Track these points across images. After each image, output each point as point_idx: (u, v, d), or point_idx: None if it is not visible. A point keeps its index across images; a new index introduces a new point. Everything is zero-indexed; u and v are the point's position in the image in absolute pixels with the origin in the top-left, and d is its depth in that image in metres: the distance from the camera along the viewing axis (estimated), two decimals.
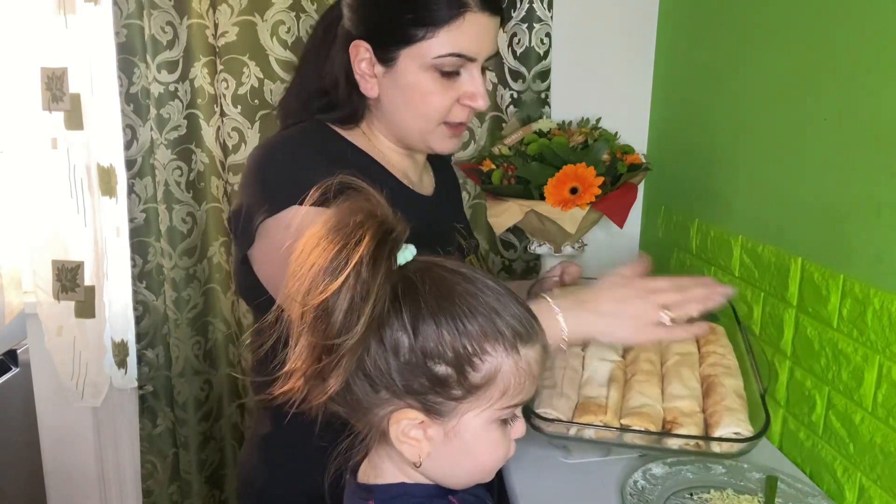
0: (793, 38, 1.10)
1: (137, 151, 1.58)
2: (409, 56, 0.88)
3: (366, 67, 0.90)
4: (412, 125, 0.93)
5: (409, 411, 0.61)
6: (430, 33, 0.86)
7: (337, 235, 0.58)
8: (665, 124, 1.64)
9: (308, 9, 1.51)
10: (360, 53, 0.90)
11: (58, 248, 1.61)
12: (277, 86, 1.53)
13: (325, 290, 0.57)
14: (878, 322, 0.89)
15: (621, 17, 1.64)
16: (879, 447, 0.89)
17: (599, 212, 1.41)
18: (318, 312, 0.57)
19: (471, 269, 0.64)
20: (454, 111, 0.92)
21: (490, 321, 0.60)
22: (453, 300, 0.60)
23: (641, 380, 0.97)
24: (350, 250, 0.57)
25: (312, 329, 0.58)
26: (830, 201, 1.01)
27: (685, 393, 0.94)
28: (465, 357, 0.59)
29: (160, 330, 1.67)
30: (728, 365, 0.99)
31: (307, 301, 0.58)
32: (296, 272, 0.59)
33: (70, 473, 1.82)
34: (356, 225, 0.58)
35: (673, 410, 0.91)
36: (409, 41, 0.87)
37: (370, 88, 0.91)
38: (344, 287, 0.56)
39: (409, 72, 0.88)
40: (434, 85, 0.89)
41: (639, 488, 0.95)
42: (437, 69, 0.88)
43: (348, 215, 0.59)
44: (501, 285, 0.64)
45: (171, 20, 1.51)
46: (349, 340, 0.57)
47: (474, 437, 0.62)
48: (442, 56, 0.87)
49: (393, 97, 0.91)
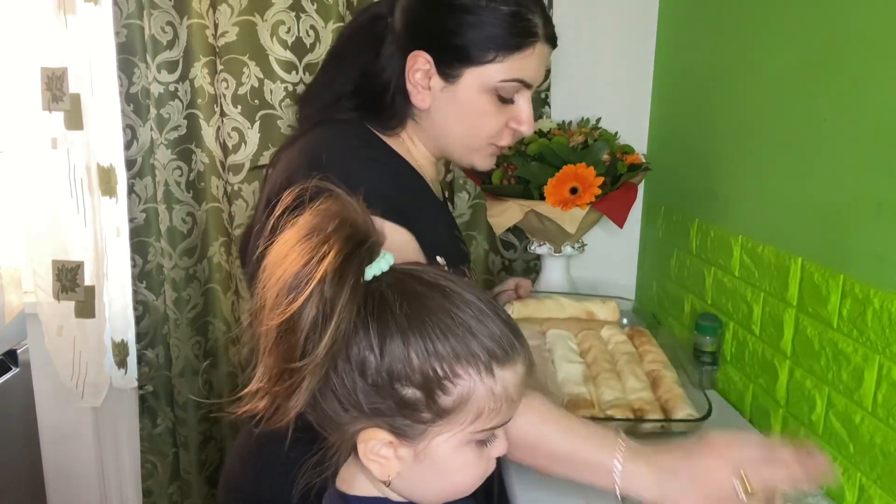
0: (793, 37, 1.10)
1: (137, 151, 1.58)
2: (474, 76, 0.88)
3: (420, 78, 0.89)
4: (461, 142, 0.94)
5: (378, 431, 0.58)
6: (501, 58, 0.87)
7: (304, 246, 0.55)
8: (665, 124, 1.64)
9: (308, 9, 1.51)
10: (418, 64, 0.88)
11: (58, 249, 1.61)
12: (277, 86, 1.53)
13: (286, 308, 0.54)
14: (878, 322, 0.89)
15: (621, 17, 1.64)
16: (879, 447, 0.89)
17: (599, 212, 1.41)
18: (279, 331, 0.55)
19: (453, 280, 0.60)
20: (503, 135, 0.94)
21: (463, 342, 0.56)
22: (424, 319, 0.56)
23: (606, 377, 1.09)
24: (315, 265, 0.54)
25: (275, 349, 0.56)
26: (830, 201, 1.01)
27: (641, 386, 1.09)
28: (435, 380, 0.56)
29: (160, 330, 1.67)
30: (662, 360, 1.15)
31: (269, 319, 0.55)
32: (263, 284, 0.57)
33: (70, 473, 1.82)
34: (324, 236, 0.55)
35: (638, 401, 1.05)
36: (479, 62, 0.87)
37: (422, 100, 0.90)
38: (307, 305, 0.54)
39: (470, 90, 0.89)
40: (491, 107, 0.90)
41: None
42: (497, 92, 0.89)
43: (320, 223, 0.56)
44: (484, 299, 0.60)
45: (171, 20, 1.51)
46: (309, 364, 0.54)
47: (446, 459, 0.59)
48: (506, 81, 0.89)
49: (446, 112, 0.91)
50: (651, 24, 1.65)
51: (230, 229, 1.61)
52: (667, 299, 1.59)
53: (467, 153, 0.95)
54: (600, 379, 1.10)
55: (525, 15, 0.87)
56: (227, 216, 1.61)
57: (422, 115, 0.93)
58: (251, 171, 1.56)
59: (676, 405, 1.05)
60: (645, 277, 1.74)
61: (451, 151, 0.96)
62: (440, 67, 0.88)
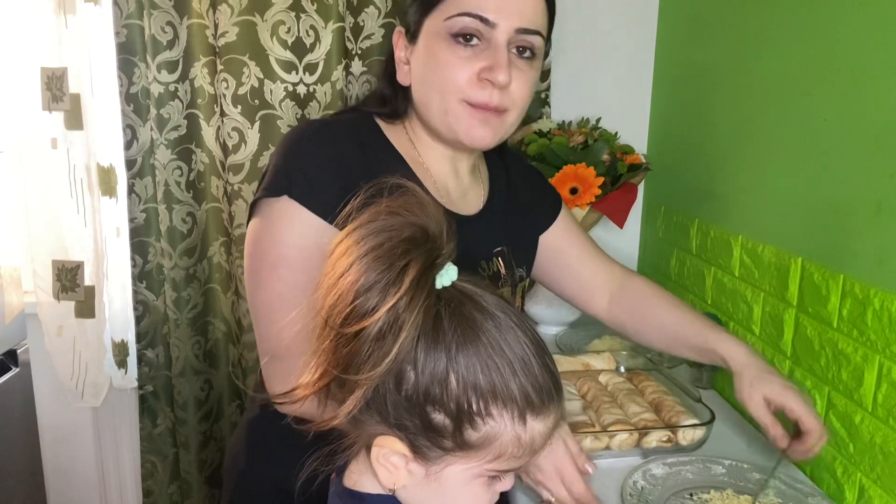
0: (793, 38, 1.10)
1: (137, 151, 1.58)
2: (429, 26, 0.85)
3: (402, 55, 0.89)
4: (432, 105, 0.86)
5: (396, 442, 0.56)
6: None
7: (381, 249, 0.52)
8: (665, 124, 1.64)
9: (308, 9, 1.51)
10: (399, 40, 0.89)
11: (58, 248, 1.61)
12: (277, 86, 1.53)
13: (362, 320, 0.51)
14: (878, 322, 0.89)
15: (621, 17, 1.64)
16: (879, 447, 0.89)
17: (599, 212, 1.41)
18: (344, 338, 0.53)
19: (509, 313, 0.57)
20: (474, 88, 0.83)
21: (505, 381, 0.54)
22: (475, 347, 0.54)
23: (607, 406, 1.11)
24: (393, 277, 0.51)
25: (333, 353, 0.54)
26: (830, 201, 1.01)
27: (642, 409, 1.10)
28: (467, 413, 0.54)
29: (160, 330, 1.67)
30: (664, 390, 1.18)
31: (340, 327, 0.53)
32: (330, 282, 0.54)
33: (70, 473, 1.82)
34: (404, 244, 0.52)
35: (640, 421, 1.07)
36: (429, 8, 0.84)
37: (404, 75, 0.89)
38: (381, 319, 0.51)
39: (427, 43, 0.85)
40: (449, 54, 0.83)
41: (638, 489, 0.95)
42: (452, 35, 0.82)
43: (398, 225, 0.53)
44: (536, 341, 0.57)
45: (171, 20, 1.51)
46: (372, 378, 0.52)
47: (455, 488, 0.58)
48: (453, 16, 0.82)
49: (417, 76, 0.87)
50: (651, 24, 1.65)
51: (230, 229, 1.61)
52: None
53: (444, 119, 0.86)
54: (601, 409, 1.10)
55: None
56: (227, 216, 1.61)
57: (412, 98, 0.90)
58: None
59: (680, 419, 1.06)
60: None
61: (435, 123, 0.88)
62: (408, 33, 0.88)
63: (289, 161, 0.84)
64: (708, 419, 1.05)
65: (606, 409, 1.10)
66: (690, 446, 1.04)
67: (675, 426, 1.05)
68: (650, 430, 1.04)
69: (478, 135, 0.86)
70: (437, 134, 0.90)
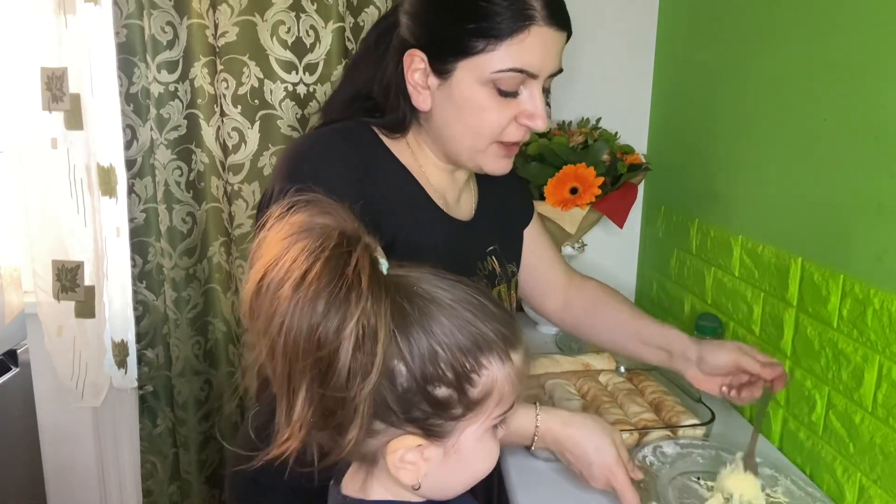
0: (793, 38, 1.10)
1: (137, 151, 1.58)
2: (467, 69, 0.83)
3: (419, 78, 0.86)
4: (464, 143, 0.88)
5: (407, 438, 0.57)
6: (492, 46, 0.81)
7: (318, 262, 0.51)
8: (665, 124, 1.64)
9: (308, 9, 1.51)
10: (414, 63, 0.85)
11: (58, 248, 1.61)
12: (277, 86, 1.53)
13: (334, 341, 0.51)
14: (878, 322, 0.89)
15: (621, 17, 1.64)
16: (879, 447, 0.89)
17: (599, 212, 1.41)
18: (317, 368, 0.52)
19: (441, 274, 0.59)
20: (509, 130, 0.86)
21: (480, 331, 0.57)
22: (441, 314, 0.56)
23: (607, 406, 1.11)
24: (348, 284, 0.51)
25: (311, 384, 0.53)
26: (830, 201, 1.01)
27: (642, 409, 1.11)
28: (464, 374, 0.56)
29: (160, 330, 1.67)
30: (664, 390, 1.18)
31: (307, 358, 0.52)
32: (269, 308, 0.52)
33: (70, 473, 1.82)
34: (339, 247, 0.52)
35: (641, 421, 1.07)
36: (468, 53, 0.82)
37: (422, 101, 0.87)
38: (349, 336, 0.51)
39: (464, 85, 0.83)
40: (491, 101, 0.84)
41: (647, 463, 0.95)
42: (496, 85, 0.83)
43: (319, 233, 0.53)
44: (472, 285, 0.60)
45: (171, 20, 1.51)
46: (366, 387, 0.52)
47: (472, 449, 0.60)
48: (502, 71, 0.82)
49: (445, 111, 0.86)
50: (651, 24, 1.65)
51: (230, 229, 1.61)
52: (667, 299, 1.59)
53: (473, 155, 0.89)
54: (601, 409, 1.10)
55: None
56: (227, 216, 1.61)
57: (426, 119, 0.90)
58: None
59: (681, 420, 1.06)
60: (645, 277, 1.74)
61: (458, 154, 0.90)
62: (433, 64, 0.84)
63: (302, 174, 0.82)
64: (708, 419, 1.05)
65: (606, 409, 1.10)
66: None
67: (675, 426, 1.05)
68: (650, 429, 1.04)
69: (501, 168, 0.91)
70: (454, 160, 0.92)
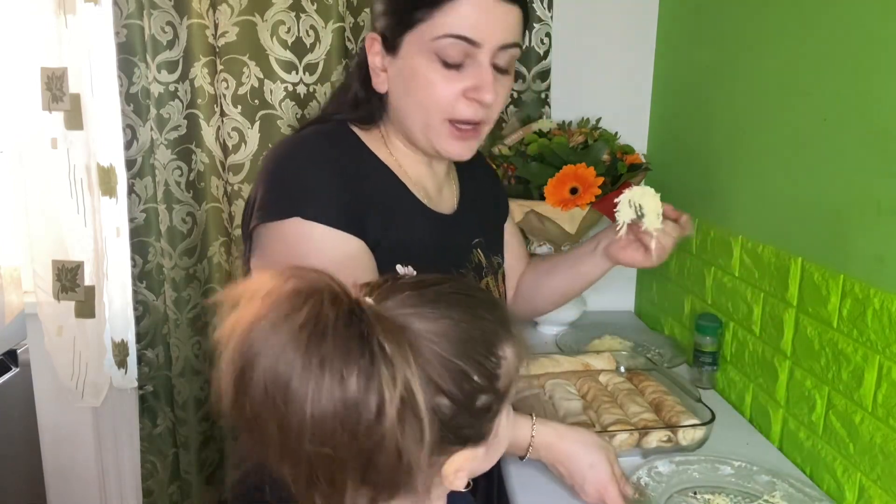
0: (793, 38, 1.10)
1: (137, 151, 1.58)
2: (411, 42, 0.84)
3: (378, 62, 0.88)
4: (416, 119, 0.88)
5: (461, 454, 0.56)
6: (428, 14, 0.82)
7: (328, 335, 0.47)
8: (665, 124, 1.64)
9: (308, 9, 1.51)
10: (373, 47, 0.88)
11: (58, 248, 1.61)
12: (277, 86, 1.53)
13: (377, 424, 0.48)
14: (878, 322, 0.89)
15: (621, 17, 1.64)
16: (879, 447, 0.89)
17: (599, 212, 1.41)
18: (365, 456, 0.49)
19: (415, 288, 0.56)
20: (459, 107, 0.85)
21: (488, 327, 0.56)
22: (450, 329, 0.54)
23: (607, 406, 1.11)
24: (368, 355, 0.47)
25: (360, 470, 0.50)
26: (830, 201, 1.01)
27: (642, 409, 1.10)
28: (492, 374, 0.56)
29: (160, 330, 1.67)
30: (664, 390, 1.17)
31: (355, 453, 0.48)
32: (277, 418, 0.48)
33: (70, 473, 1.82)
34: (336, 319, 0.48)
35: (641, 421, 1.07)
36: (411, 25, 0.83)
37: (380, 83, 0.89)
38: (390, 406, 0.48)
39: (410, 58, 0.84)
40: (436, 74, 0.84)
41: (642, 485, 0.95)
42: (439, 56, 0.83)
43: (316, 300, 0.49)
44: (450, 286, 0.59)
45: (171, 20, 1.51)
46: (423, 450, 0.50)
47: (504, 433, 0.61)
48: (439, 38, 0.82)
49: (397, 88, 0.88)
50: (651, 24, 1.65)
51: (230, 229, 1.61)
52: (667, 300, 1.59)
53: (426, 135, 0.88)
54: (601, 409, 1.11)
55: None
56: (227, 216, 1.61)
57: (388, 104, 0.91)
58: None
59: (681, 420, 1.06)
60: (645, 277, 1.74)
61: (414, 136, 0.90)
62: (385, 43, 0.87)
63: (287, 181, 0.83)
64: (708, 419, 1.05)
65: (606, 409, 1.10)
66: (691, 446, 1.05)
67: (675, 426, 1.05)
68: (650, 430, 1.04)
69: (457, 151, 0.90)
70: (413, 143, 0.92)
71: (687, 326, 1.46)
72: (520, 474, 0.99)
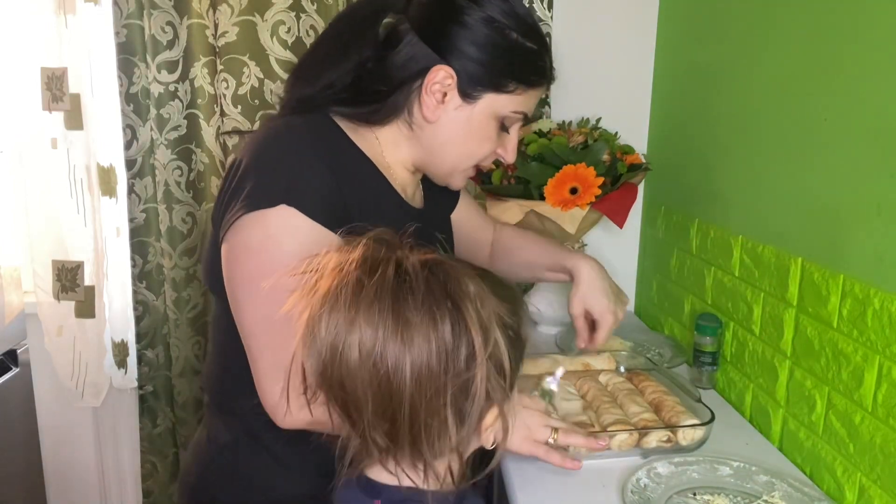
0: (793, 38, 1.10)
1: (137, 151, 1.58)
2: (490, 101, 0.90)
3: (437, 91, 0.89)
4: (451, 160, 0.95)
5: (493, 411, 0.60)
6: (521, 91, 0.91)
7: (422, 298, 0.53)
8: (665, 124, 1.64)
9: (308, 9, 1.51)
10: (439, 77, 0.88)
11: (58, 248, 1.61)
12: (277, 86, 1.53)
13: (470, 366, 0.54)
14: (878, 322, 0.89)
15: (621, 17, 1.64)
16: (879, 447, 0.89)
17: (599, 212, 1.41)
18: (454, 398, 0.56)
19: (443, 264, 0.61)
20: (489, 158, 0.97)
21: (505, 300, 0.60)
22: (487, 286, 0.60)
23: (607, 406, 1.11)
24: (452, 303, 0.53)
25: (445, 419, 0.55)
26: (830, 201, 1.01)
27: (642, 409, 1.10)
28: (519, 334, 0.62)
29: (160, 330, 1.67)
30: (664, 390, 1.17)
31: (452, 399, 0.54)
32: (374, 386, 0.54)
33: (70, 473, 1.82)
34: (414, 273, 0.54)
35: (640, 421, 1.07)
36: (498, 88, 0.90)
37: (433, 113, 0.90)
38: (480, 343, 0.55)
39: (483, 114, 0.91)
40: (493, 133, 0.94)
41: (641, 486, 0.95)
42: (503, 121, 0.93)
43: (387, 261, 0.55)
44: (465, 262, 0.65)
45: (171, 20, 1.51)
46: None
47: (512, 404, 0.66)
48: (516, 112, 0.93)
49: (452, 130, 0.92)
50: (651, 24, 1.65)
51: None
52: (667, 299, 1.59)
53: (451, 172, 0.97)
54: (601, 409, 1.11)
55: (544, 55, 0.92)
56: None
57: (422, 126, 0.92)
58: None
59: (681, 420, 1.06)
60: (645, 277, 1.74)
61: (438, 166, 0.97)
62: (462, 86, 0.89)
63: (273, 168, 0.82)
64: (708, 419, 1.05)
65: (606, 409, 1.10)
66: (690, 446, 1.04)
67: (675, 426, 1.05)
68: (650, 430, 1.03)
69: (461, 184, 1.02)
70: (422, 168, 0.98)
71: (687, 326, 1.46)
72: (520, 474, 0.99)
